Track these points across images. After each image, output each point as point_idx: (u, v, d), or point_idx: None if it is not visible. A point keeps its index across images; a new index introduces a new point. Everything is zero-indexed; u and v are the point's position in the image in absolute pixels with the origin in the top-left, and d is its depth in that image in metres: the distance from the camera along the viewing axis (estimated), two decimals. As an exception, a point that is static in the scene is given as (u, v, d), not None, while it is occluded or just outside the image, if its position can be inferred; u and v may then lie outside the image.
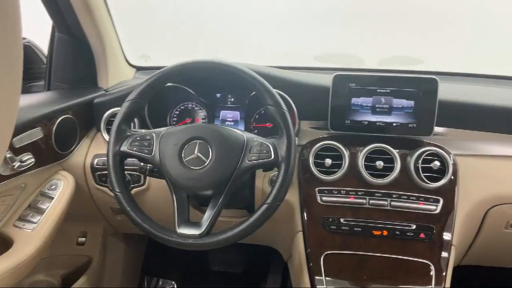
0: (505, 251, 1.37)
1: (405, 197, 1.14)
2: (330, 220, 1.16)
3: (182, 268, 2.04)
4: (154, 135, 1.03)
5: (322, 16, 2.00)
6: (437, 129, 1.21)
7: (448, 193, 1.14)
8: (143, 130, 1.06)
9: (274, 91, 1.01)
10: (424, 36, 1.98)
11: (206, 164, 0.98)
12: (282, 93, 1.18)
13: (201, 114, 1.37)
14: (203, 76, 1.15)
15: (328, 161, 1.16)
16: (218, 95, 1.35)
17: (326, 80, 1.23)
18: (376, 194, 1.16)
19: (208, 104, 1.36)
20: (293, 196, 1.20)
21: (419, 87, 1.15)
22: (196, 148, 0.99)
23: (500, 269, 1.55)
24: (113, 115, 1.30)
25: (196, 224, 0.99)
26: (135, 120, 1.28)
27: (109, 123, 1.31)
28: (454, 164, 1.15)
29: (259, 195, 1.23)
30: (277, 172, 0.98)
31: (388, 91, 1.17)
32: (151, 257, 1.99)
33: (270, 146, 0.99)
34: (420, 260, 1.11)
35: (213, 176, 0.97)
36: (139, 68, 1.66)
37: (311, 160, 1.18)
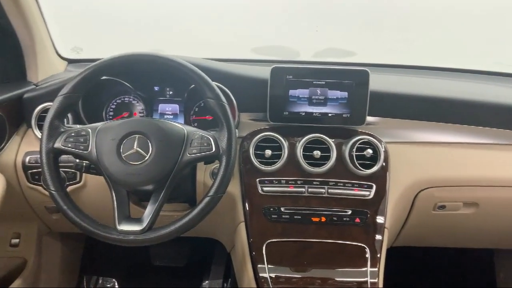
0: (433, 231, 1.48)
1: (341, 184, 1.20)
2: (271, 209, 1.19)
3: (122, 265, 2.00)
4: (90, 130, 1.00)
5: (259, 9, 2.03)
6: (369, 118, 1.27)
7: (380, 179, 1.21)
8: (78, 126, 1.03)
9: (213, 84, 1.02)
10: (357, 29, 2.06)
11: (145, 159, 0.96)
12: (222, 86, 1.18)
13: (139, 108, 1.35)
14: (140, 69, 1.13)
15: (268, 152, 1.19)
16: (156, 88, 1.33)
17: (264, 72, 1.25)
18: (314, 183, 1.20)
19: (146, 98, 1.33)
20: (234, 188, 1.22)
21: (352, 79, 1.20)
22: (135, 143, 0.97)
23: (429, 249, 1.66)
24: (45, 111, 1.24)
25: (137, 220, 0.97)
26: (69, 115, 1.24)
27: (40, 119, 1.25)
28: (385, 152, 1.21)
29: (201, 188, 1.24)
30: (218, 165, 0.99)
31: (323, 83, 1.21)
32: (90, 255, 1.93)
33: (211, 139, 0.99)
34: (356, 243, 1.17)
35: (154, 171, 0.96)
36: (70, 61, 1.60)
37: (251, 151, 1.19)
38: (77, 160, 1.07)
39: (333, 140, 1.20)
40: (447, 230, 1.47)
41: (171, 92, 1.33)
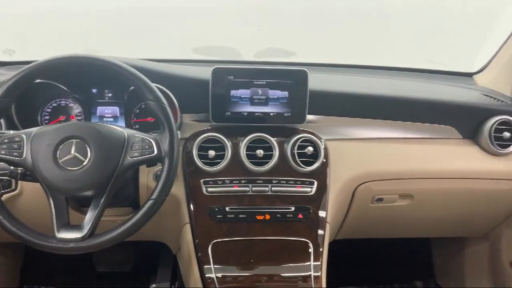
0: (372, 223, 1.54)
1: (284, 181, 1.22)
2: (216, 209, 1.19)
3: (65, 273, 1.93)
4: (24, 136, 0.96)
5: (200, 9, 2.02)
6: (309, 117, 1.30)
7: (321, 175, 1.24)
8: (11, 131, 0.98)
9: (153, 85, 1.01)
10: (297, 29, 2.10)
11: (84, 164, 0.94)
12: (162, 87, 1.17)
13: (76, 111, 1.31)
14: (76, 71, 1.10)
15: (212, 153, 1.19)
16: (94, 90, 1.30)
17: (205, 73, 1.25)
18: (258, 181, 1.22)
19: (83, 100, 1.29)
20: (178, 189, 1.21)
21: (292, 79, 1.23)
22: (73, 148, 0.94)
23: (370, 240, 1.73)
24: (-26, 117, 1.18)
25: (78, 227, 0.95)
26: (1, 120, 1.18)
27: (-31, 125, 1.18)
28: (325, 149, 1.25)
29: (144, 191, 1.22)
30: (161, 167, 0.98)
31: (264, 82, 1.23)
32: (30, 264, 1.85)
33: (153, 142, 0.98)
34: (300, 239, 1.20)
35: (93, 176, 0.94)
36: (2, 64, 1.52)
37: (194, 152, 1.19)
38: (12, 167, 1.02)
39: (275, 139, 1.23)
40: (385, 221, 1.54)
41: (110, 94, 1.30)
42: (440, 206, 1.48)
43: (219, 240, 1.18)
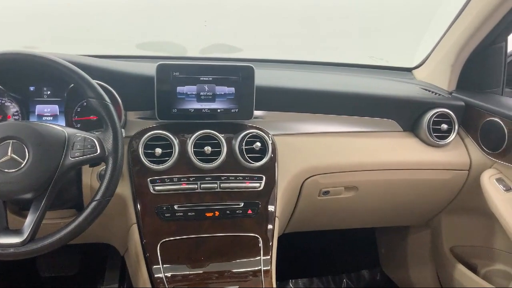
0: (320, 216, 1.57)
1: (233, 178, 1.22)
2: (164, 208, 1.17)
3: (5, 279, 1.84)
4: None
5: (144, 3, 1.97)
6: (256, 112, 1.31)
7: (269, 170, 1.25)
8: None
9: (94, 82, 0.98)
10: (243, 24, 2.10)
11: (22, 165, 0.89)
12: (104, 84, 1.13)
13: (13, 110, 1.24)
14: (12, 68, 1.04)
15: (158, 151, 1.17)
16: (31, 88, 1.23)
17: (150, 69, 1.22)
18: (207, 178, 1.21)
19: (20, 99, 1.23)
20: (124, 189, 1.18)
21: (238, 75, 1.23)
22: (9, 149, 0.90)
23: (318, 232, 1.77)
24: None
25: (17, 231, 0.90)
26: None
27: None
28: (273, 144, 1.27)
29: (88, 192, 1.18)
30: (105, 167, 0.96)
31: (211, 79, 1.22)
32: None
33: (95, 141, 0.95)
34: (250, 234, 1.20)
35: (32, 178, 0.90)
36: None
37: (140, 150, 1.17)
38: None
39: (223, 135, 1.22)
40: (332, 213, 1.58)
41: (48, 92, 1.24)
42: (384, 197, 1.53)
43: (167, 239, 1.16)
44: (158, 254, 1.14)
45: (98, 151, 0.94)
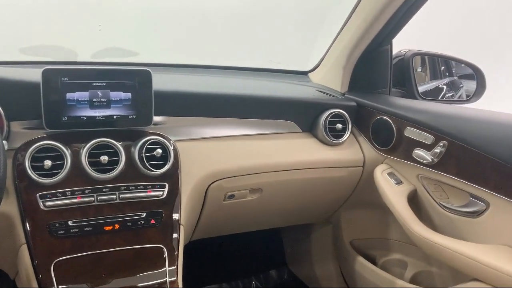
0: (226, 220, 1.57)
1: (133, 187, 1.16)
2: (57, 225, 1.08)
3: None
4: None
5: (29, 5, 1.82)
6: (156, 118, 1.26)
7: (172, 177, 1.22)
8: None
9: None
10: (139, 28, 2.03)
11: None
12: None
13: None
14: None
15: (48, 163, 1.08)
16: None
17: (35, 75, 1.12)
18: (104, 190, 1.14)
19: None
20: (10, 207, 1.07)
21: (134, 79, 1.17)
22: None
23: (226, 237, 1.76)
24: None
25: None
26: None
27: None
28: (175, 150, 1.23)
29: None
30: None
31: (104, 84, 1.15)
32: None
33: (-30, 155, 0.85)
34: (154, 245, 1.15)
35: None
36: None
37: (27, 164, 1.06)
38: None
39: (120, 143, 1.16)
40: (239, 217, 1.58)
41: None
42: (287, 197, 1.57)
43: (62, 258, 1.07)
44: (52, 275, 1.04)
45: None
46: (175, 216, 1.20)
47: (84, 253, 1.09)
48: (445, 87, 2.04)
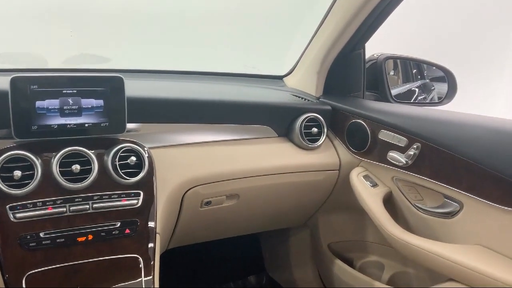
0: (203, 227, 1.55)
1: (107, 196, 1.14)
2: (28, 237, 1.05)
3: None
4: None
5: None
6: (130, 125, 1.24)
7: (147, 185, 1.19)
8: None
9: None
10: (111, 34, 2.00)
11: None
12: None
13: None
14: None
15: (18, 173, 1.04)
16: None
17: (2, 83, 1.09)
18: (77, 200, 1.11)
19: None
20: None
21: (106, 86, 1.15)
22: None
23: (203, 244, 1.74)
24: None
25: None
26: None
27: None
28: (149, 157, 1.21)
29: None
30: None
31: (75, 91, 1.13)
32: None
33: None
34: (129, 255, 1.13)
35: None
36: None
37: None
38: None
39: (93, 151, 1.13)
40: (216, 223, 1.57)
41: None
42: (264, 202, 1.56)
43: (34, 271, 1.03)
44: None
45: None
46: (151, 224, 1.18)
47: (56, 266, 1.06)
48: (417, 89, 2.08)
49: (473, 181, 1.19)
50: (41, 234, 1.06)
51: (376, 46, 1.75)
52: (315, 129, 1.52)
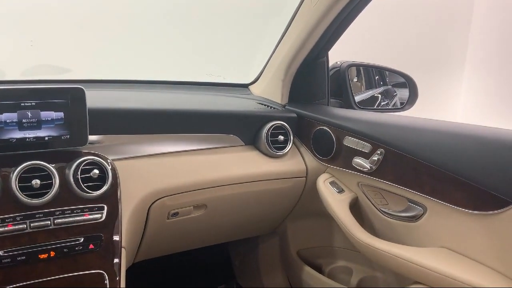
0: (171, 239, 1.53)
1: (69, 211, 1.10)
2: None
3: None
4: None
5: None
6: (92, 137, 1.21)
7: (111, 198, 1.16)
8: None
9: None
10: (71, 44, 1.96)
11: None
12: None
13: None
14: None
15: (-26, 190, 1.00)
16: None
17: None
18: (37, 216, 1.07)
19: None
20: None
21: (66, 97, 1.12)
22: None
23: (172, 256, 1.71)
24: None
25: None
26: None
27: None
28: (113, 169, 1.18)
29: None
30: None
31: (34, 104, 1.09)
32: None
33: None
34: (94, 271, 1.10)
35: None
36: None
37: None
38: None
39: (53, 165, 1.10)
40: (184, 234, 1.55)
41: None
42: (232, 211, 1.56)
43: None
44: None
45: None
46: (116, 238, 1.15)
47: (18, 284, 1.02)
48: (380, 96, 2.12)
49: (435, 185, 1.22)
50: (1, 252, 1.02)
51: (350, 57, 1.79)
52: (281, 137, 1.53)
